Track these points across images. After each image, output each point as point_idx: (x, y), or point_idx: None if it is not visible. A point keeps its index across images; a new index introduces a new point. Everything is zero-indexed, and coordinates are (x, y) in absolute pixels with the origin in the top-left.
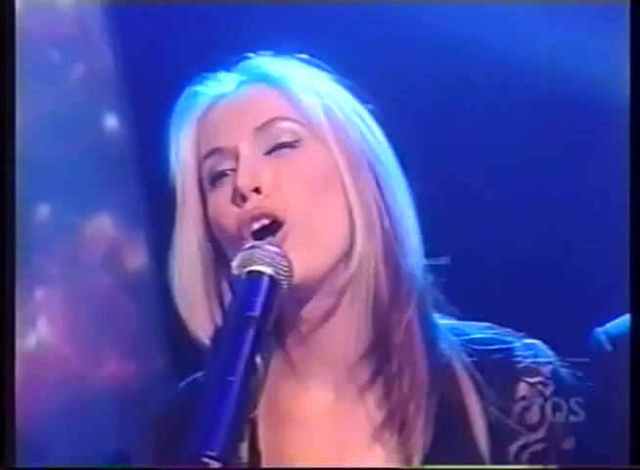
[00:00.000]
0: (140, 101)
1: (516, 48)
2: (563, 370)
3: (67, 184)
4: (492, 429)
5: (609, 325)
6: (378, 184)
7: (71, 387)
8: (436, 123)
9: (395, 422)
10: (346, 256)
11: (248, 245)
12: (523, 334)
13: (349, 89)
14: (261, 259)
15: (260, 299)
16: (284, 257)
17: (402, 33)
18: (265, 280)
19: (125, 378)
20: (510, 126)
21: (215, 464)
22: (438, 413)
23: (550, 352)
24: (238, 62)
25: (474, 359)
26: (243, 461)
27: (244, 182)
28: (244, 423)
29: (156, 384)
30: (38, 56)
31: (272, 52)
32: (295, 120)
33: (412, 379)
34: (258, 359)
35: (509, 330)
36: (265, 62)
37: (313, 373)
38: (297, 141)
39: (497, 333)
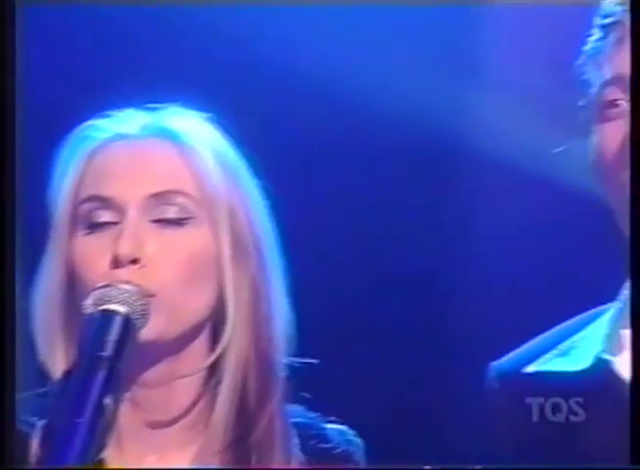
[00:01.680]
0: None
1: (514, 49)
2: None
3: None
4: None
5: (503, 360)
6: (259, 271)
7: None
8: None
9: None
10: (212, 342)
11: (101, 283)
12: (332, 418)
13: (246, 159)
14: (115, 298)
15: (113, 338)
16: (140, 295)
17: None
18: (118, 319)
19: None
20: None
21: None
22: None
23: (358, 440)
24: (145, 106)
25: (299, 443)
26: None
27: (125, 250)
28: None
29: None
30: None
31: (181, 103)
32: (191, 196)
33: None
34: (108, 400)
35: (319, 414)
36: (175, 116)
37: (136, 437)
38: (187, 218)
39: (312, 418)
